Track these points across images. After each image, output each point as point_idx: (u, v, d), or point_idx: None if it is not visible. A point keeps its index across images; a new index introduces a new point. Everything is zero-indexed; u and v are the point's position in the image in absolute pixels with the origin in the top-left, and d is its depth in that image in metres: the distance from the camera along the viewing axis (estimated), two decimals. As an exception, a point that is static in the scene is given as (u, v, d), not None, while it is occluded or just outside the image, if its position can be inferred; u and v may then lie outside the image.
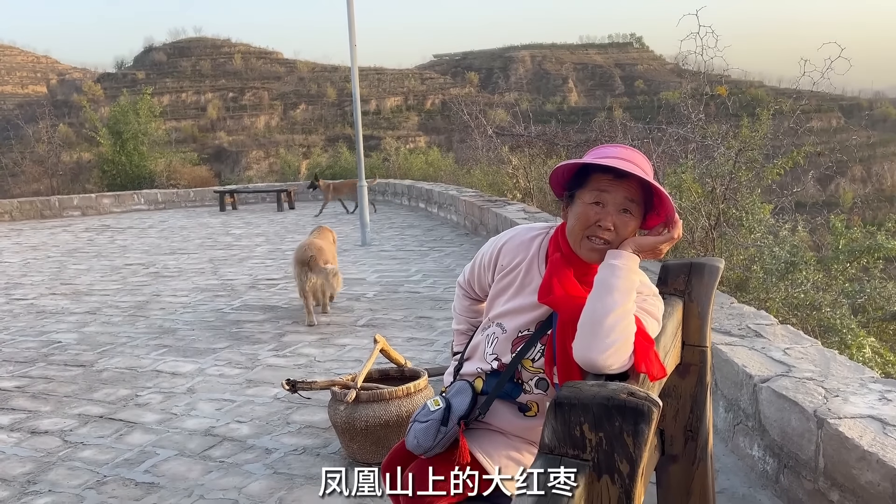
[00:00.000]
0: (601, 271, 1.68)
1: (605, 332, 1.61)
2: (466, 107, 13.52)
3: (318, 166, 22.46)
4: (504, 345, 1.89)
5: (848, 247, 5.45)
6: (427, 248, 9.58)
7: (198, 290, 7.65)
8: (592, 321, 1.62)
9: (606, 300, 1.63)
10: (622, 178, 1.69)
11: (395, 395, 3.25)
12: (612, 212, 1.68)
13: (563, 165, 1.78)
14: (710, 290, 2.10)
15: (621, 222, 1.69)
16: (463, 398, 1.95)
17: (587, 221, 1.70)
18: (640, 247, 1.70)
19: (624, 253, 1.68)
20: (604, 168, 1.71)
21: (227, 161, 69.30)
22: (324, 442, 3.62)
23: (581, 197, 1.74)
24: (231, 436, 3.77)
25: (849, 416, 2.55)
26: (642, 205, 1.72)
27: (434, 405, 1.99)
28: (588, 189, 1.72)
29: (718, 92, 7.49)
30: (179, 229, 13.67)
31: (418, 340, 5.26)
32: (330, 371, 4.69)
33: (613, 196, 1.68)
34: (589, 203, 1.71)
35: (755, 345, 3.43)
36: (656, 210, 1.74)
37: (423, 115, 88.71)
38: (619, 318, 1.61)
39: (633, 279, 1.66)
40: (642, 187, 1.71)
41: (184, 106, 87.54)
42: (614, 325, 1.61)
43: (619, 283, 1.64)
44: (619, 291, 1.63)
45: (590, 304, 1.65)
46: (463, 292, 2.16)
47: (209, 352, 5.32)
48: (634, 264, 1.67)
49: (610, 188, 1.69)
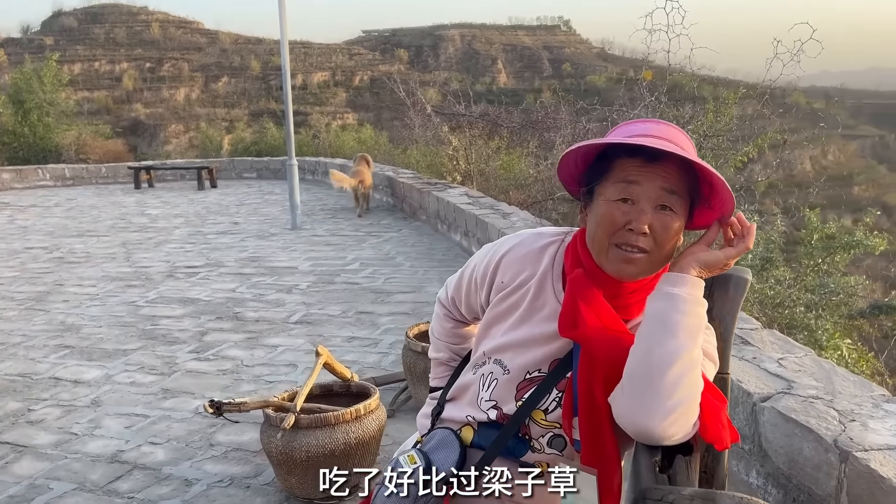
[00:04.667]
0: (656, 302, 1.22)
1: (666, 389, 1.16)
2: (402, 84, 12.92)
3: (241, 142, 21.36)
4: (506, 389, 1.43)
5: (822, 242, 5.27)
6: (364, 234, 9.01)
7: (107, 279, 6.87)
8: (649, 374, 1.17)
9: (668, 345, 1.18)
10: (656, 162, 1.24)
11: (343, 420, 2.74)
12: (645, 209, 1.24)
13: (574, 151, 1.32)
14: (736, 308, 1.67)
15: (660, 223, 1.25)
16: (447, 454, 1.47)
17: (613, 225, 1.26)
18: (707, 265, 1.25)
19: (688, 278, 1.23)
20: (629, 150, 1.25)
21: (144, 135, 66.05)
22: (255, 469, 3.08)
23: (602, 192, 1.28)
24: (143, 462, 3.18)
25: (875, 446, 2.21)
26: (686, 196, 1.27)
27: (408, 462, 1.49)
28: (611, 181, 1.27)
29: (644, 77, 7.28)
30: (89, 209, 12.57)
31: (360, 340, 4.75)
32: (259, 378, 4.13)
33: (646, 188, 1.24)
34: (614, 200, 1.26)
35: (744, 354, 3.09)
36: (707, 202, 1.30)
37: (351, 91, 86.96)
38: (686, 369, 1.17)
39: (702, 315, 1.22)
40: (685, 172, 1.26)
41: (97, 75, 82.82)
42: (679, 379, 1.16)
43: (683, 321, 1.19)
44: (684, 332, 1.18)
45: (643, 349, 1.20)
46: (445, 312, 1.67)
47: (118, 354, 4.66)
48: (700, 291, 1.23)
49: (640, 177, 1.24)
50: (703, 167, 1.23)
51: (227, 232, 9.53)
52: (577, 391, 1.32)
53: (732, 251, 1.26)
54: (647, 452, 1.17)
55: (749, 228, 1.27)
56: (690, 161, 1.23)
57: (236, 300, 5.88)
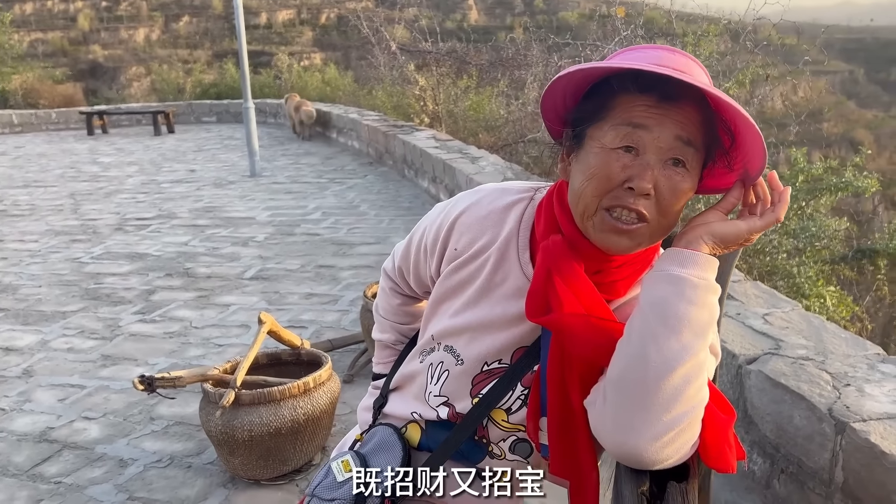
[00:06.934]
0: (656, 287, 0.94)
1: (663, 403, 0.89)
2: (366, 21, 12.29)
3: (200, 84, 20.48)
4: (459, 383, 1.16)
5: (807, 184, 5.02)
6: (326, 181, 8.61)
7: (51, 234, 6.45)
8: (642, 382, 0.90)
9: (669, 345, 0.90)
10: (672, 102, 0.92)
11: (289, 394, 2.47)
12: (652, 163, 0.93)
13: (566, 78, 0.97)
14: (729, 270, 1.41)
15: (669, 184, 0.94)
16: (388, 458, 1.20)
17: (608, 181, 0.94)
18: (724, 239, 0.95)
19: (699, 256, 0.93)
20: (641, 82, 0.93)
21: (103, 78, 63.58)
22: (198, 447, 2.82)
23: (597, 137, 0.96)
24: (74, 441, 2.90)
25: (874, 416, 2.00)
26: (703, 150, 0.96)
27: (343, 471, 1.22)
28: (610, 123, 0.95)
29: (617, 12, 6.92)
30: (37, 157, 11.93)
31: (319, 297, 4.45)
32: (209, 341, 3.84)
33: (657, 135, 0.93)
34: (613, 148, 0.94)
35: (728, 309, 2.85)
36: (726, 158, 0.99)
37: (317, 30, 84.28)
38: (690, 378, 0.90)
39: (714, 305, 0.93)
40: (706, 121, 0.95)
41: (50, 15, 79.08)
42: (680, 391, 0.89)
43: (691, 315, 0.90)
44: (691, 329, 0.90)
45: (635, 348, 0.92)
46: (391, 285, 1.38)
47: (57, 317, 4.32)
48: (713, 273, 0.94)
49: (651, 120, 0.92)
50: (735, 110, 0.91)
51: (182, 180, 9.06)
52: (547, 388, 1.05)
53: (759, 223, 0.95)
54: (633, 479, 0.90)
55: (782, 193, 0.97)
56: (718, 102, 0.91)
57: (188, 255, 5.53)
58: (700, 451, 0.92)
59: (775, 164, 6.85)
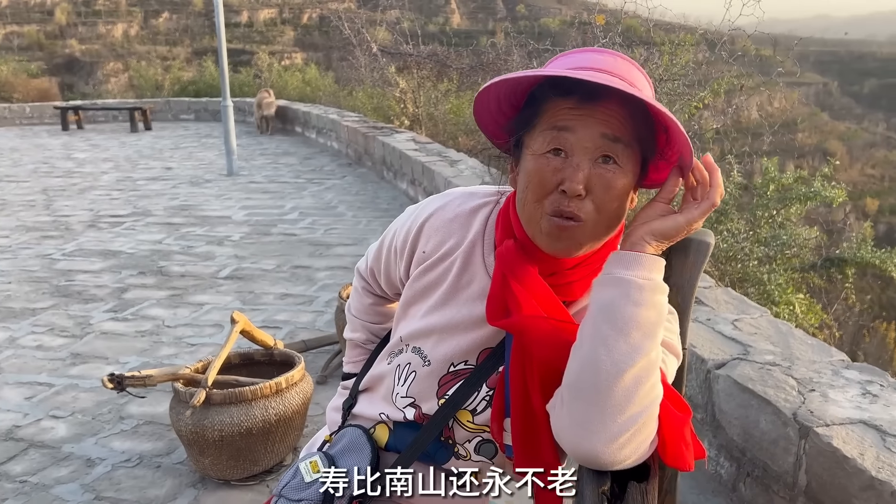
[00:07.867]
0: (602, 290, 0.95)
1: (616, 404, 0.91)
2: (348, 21, 12.26)
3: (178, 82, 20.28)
4: (426, 384, 1.17)
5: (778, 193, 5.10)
6: (304, 181, 8.57)
7: (23, 230, 6.35)
8: (594, 385, 0.92)
9: (619, 347, 0.91)
10: (594, 102, 0.94)
11: (261, 394, 2.46)
12: (581, 164, 0.95)
13: (491, 90, 1.01)
14: (696, 275, 1.43)
15: (601, 181, 0.96)
16: (357, 458, 1.21)
17: (543, 186, 0.97)
18: (665, 234, 0.96)
19: (643, 257, 0.95)
20: (559, 87, 0.96)
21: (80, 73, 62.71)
22: (168, 446, 2.79)
23: (529, 144, 0.99)
24: (41, 439, 2.86)
25: (837, 421, 2.05)
26: (636, 146, 0.98)
27: (311, 471, 1.22)
28: (539, 129, 0.98)
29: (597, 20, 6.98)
30: (10, 151, 11.74)
31: (294, 298, 4.43)
32: (181, 340, 3.81)
33: (581, 135, 0.95)
34: (542, 153, 0.97)
35: (698, 315, 2.90)
36: (662, 153, 1.01)
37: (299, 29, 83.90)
38: (641, 378, 0.91)
39: (662, 304, 0.95)
40: (634, 116, 0.96)
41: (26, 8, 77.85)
42: (632, 391, 0.91)
43: (639, 316, 0.92)
44: (639, 330, 0.92)
45: (586, 352, 0.94)
46: (363, 285, 1.39)
47: (27, 314, 4.25)
48: (660, 273, 0.96)
49: (574, 122, 0.95)
50: (651, 106, 0.93)
51: (158, 178, 8.97)
52: (511, 388, 1.07)
53: (695, 211, 0.95)
54: (594, 480, 0.92)
55: (713, 176, 0.96)
56: (638, 100, 0.93)
57: (162, 253, 5.48)
58: (658, 449, 0.93)
59: (749, 173, 6.96)
